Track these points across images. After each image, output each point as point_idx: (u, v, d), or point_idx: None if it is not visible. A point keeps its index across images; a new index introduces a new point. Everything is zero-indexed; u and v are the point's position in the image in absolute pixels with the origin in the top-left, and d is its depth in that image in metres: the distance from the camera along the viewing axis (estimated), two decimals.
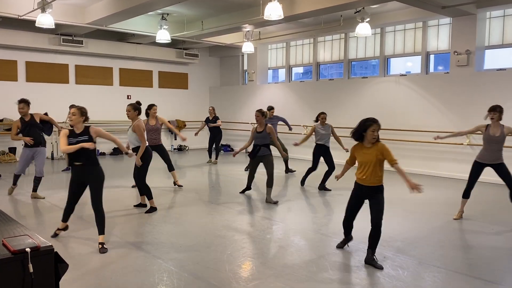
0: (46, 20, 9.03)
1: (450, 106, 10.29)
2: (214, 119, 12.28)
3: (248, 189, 8.19)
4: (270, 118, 10.34)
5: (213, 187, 9.20)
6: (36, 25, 9.21)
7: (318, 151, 8.62)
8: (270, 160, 7.48)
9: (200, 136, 12.63)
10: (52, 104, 13.41)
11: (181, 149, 15.98)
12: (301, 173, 9.52)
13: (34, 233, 2.70)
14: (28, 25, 11.16)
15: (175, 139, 15.95)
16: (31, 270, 2.36)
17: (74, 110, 4.98)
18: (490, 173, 6.34)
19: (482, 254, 4.98)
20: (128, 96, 14.94)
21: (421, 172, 10.39)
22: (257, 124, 7.62)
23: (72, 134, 5.00)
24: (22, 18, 10.07)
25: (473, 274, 4.37)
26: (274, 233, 5.79)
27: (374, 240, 4.53)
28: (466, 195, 6.46)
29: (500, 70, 9.88)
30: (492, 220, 6.52)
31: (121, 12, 9.81)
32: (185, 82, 16.68)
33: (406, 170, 5.16)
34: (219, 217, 6.56)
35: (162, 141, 8.62)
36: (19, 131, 7.49)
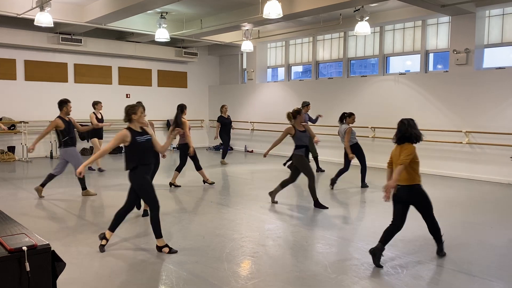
0: (44, 18, 9.01)
1: (449, 104, 10.28)
2: (230, 118, 12.47)
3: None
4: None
5: (212, 187, 9.18)
6: (34, 23, 9.18)
7: (357, 150, 8.63)
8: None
9: (200, 135, 12.63)
10: (51, 103, 13.40)
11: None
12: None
13: (31, 231, 2.69)
14: (26, 23, 11.15)
15: (174, 138, 15.92)
16: (28, 269, 2.36)
17: (142, 110, 4.81)
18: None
19: (482, 253, 4.97)
20: (127, 95, 14.93)
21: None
22: (294, 123, 7.23)
23: (137, 133, 4.76)
24: (20, 16, 10.06)
25: (472, 273, 4.36)
26: (273, 232, 5.78)
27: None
28: None
29: (499, 68, 9.88)
30: (492, 219, 6.51)
31: (120, 10, 9.79)
32: (184, 81, 16.66)
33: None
34: (218, 216, 6.55)
35: (161, 139, 8.63)
36: (64, 130, 7.61)
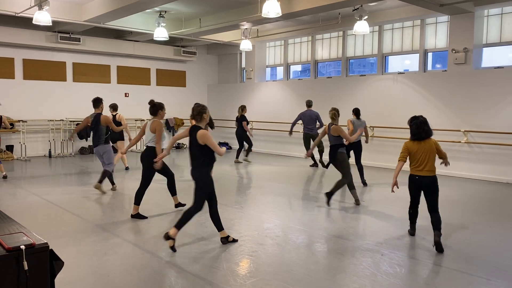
0: (43, 17, 9.00)
1: (448, 104, 10.29)
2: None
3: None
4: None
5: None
6: (33, 22, 9.17)
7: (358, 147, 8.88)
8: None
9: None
10: (49, 102, 13.41)
11: (179, 147, 15.96)
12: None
13: (30, 230, 2.69)
14: (25, 22, 11.13)
15: (173, 135, 15.93)
16: (26, 268, 2.35)
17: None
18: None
19: (480, 252, 4.98)
20: (125, 94, 14.93)
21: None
22: (337, 122, 7.18)
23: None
24: (19, 15, 10.04)
25: (470, 272, 4.37)
26: (272, 231, 5.78)
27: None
28: None
29: (497, 68, 9.89)
30: (490, 218, 6.52)
31: (118, 9, 9.77)
32: (183, 79, 16.66)
33: (404, 168, 5.16)
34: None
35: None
36: (108, 126, 7.93)
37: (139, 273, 4.28)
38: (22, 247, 2.36)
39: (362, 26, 10.12)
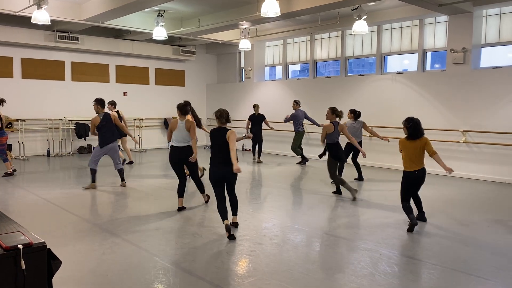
0: (41, 16, 8.98)
1: (446, 103, 10.30)
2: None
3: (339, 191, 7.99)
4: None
5: (209, 185, 9.17)
6: (31, 21, 9.15)
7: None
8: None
9: (198, 134, 12.59)
10: (48, 101, 13.39)
11: None
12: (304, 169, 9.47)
13: (27, 229, 2.68)
14: (23, 21, 11.11)
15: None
16: (24, 267, 2.35)
17: None
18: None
19: (478, 251, 4.98)
20: (124, 93, 14.91)
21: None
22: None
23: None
24: (17, 14, 10.01)
25: (468, 271, 4.37)
26: (271, 230, 5.78)
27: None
28: None
29: (496, 68, 9.90)
30: (489, 218, 6.53)
31: (117, 8, 9.76)
32: (181, 79, 16.64)
33: (397, 166, 5.17)
34: (216, 214, 6.54)
35: (158, 137, 8.69)
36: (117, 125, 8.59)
37: (137, 272, 4.28)
38: (20, 246, 2.36)
39: (361, 26, 10.12)
